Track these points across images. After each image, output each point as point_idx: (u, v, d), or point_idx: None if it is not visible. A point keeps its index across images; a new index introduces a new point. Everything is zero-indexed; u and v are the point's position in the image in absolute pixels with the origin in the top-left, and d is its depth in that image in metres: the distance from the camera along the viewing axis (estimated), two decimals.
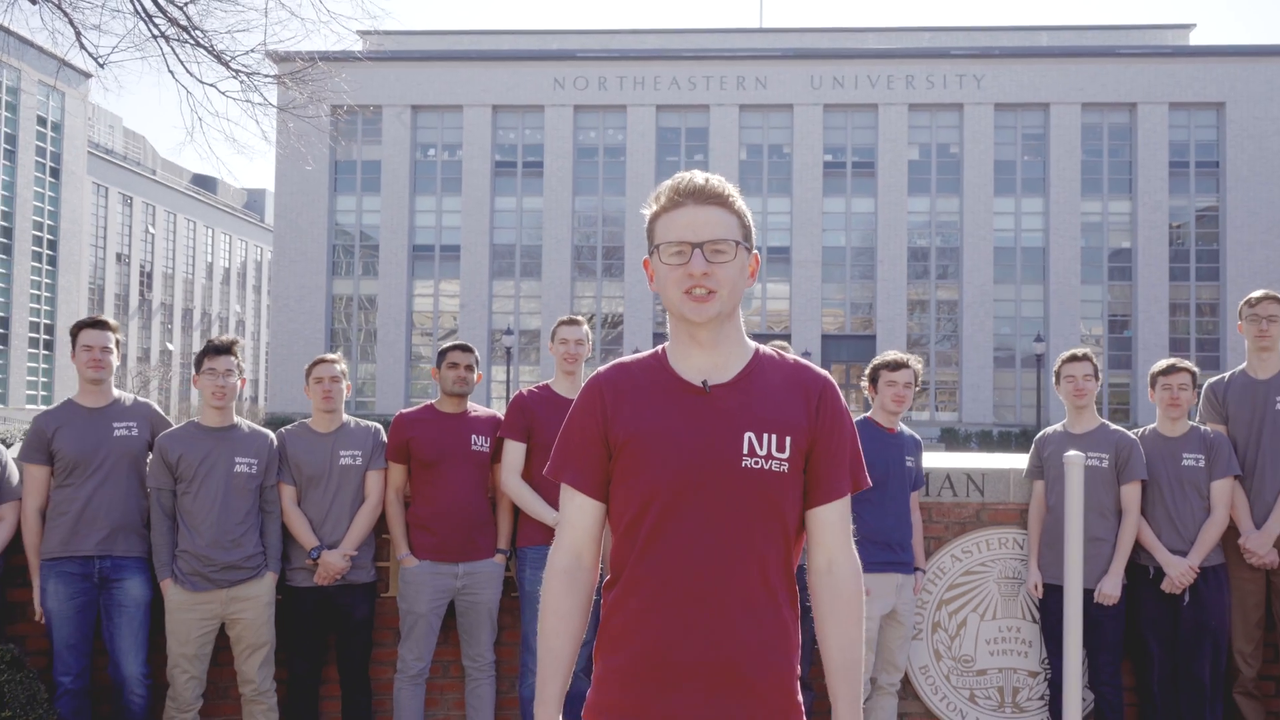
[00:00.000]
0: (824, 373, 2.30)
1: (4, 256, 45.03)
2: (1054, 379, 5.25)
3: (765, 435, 2.17)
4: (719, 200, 2.19)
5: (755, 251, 2.22)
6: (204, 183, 73.66)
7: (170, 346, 62.83)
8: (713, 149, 47.94)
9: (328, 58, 12.98)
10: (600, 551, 2.32)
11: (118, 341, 4.87)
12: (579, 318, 5.27)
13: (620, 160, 48.42)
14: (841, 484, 2.26)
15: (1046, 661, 5.20)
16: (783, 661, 2.18)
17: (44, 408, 5.13)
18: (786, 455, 2.18)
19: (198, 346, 61.51)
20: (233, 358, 4.81)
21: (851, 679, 2.22)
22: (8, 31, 11.35)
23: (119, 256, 59.71)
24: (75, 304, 51.46)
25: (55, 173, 48.67)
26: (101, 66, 11.62)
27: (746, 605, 2.15)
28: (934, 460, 5.43)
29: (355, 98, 14.18)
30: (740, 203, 2.23)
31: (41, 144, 47.82)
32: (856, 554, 2.32)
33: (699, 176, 2.21)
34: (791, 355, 2.40)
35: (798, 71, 48.13)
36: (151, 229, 62.96)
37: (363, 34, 17.93)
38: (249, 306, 74.91)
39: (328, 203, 47.57)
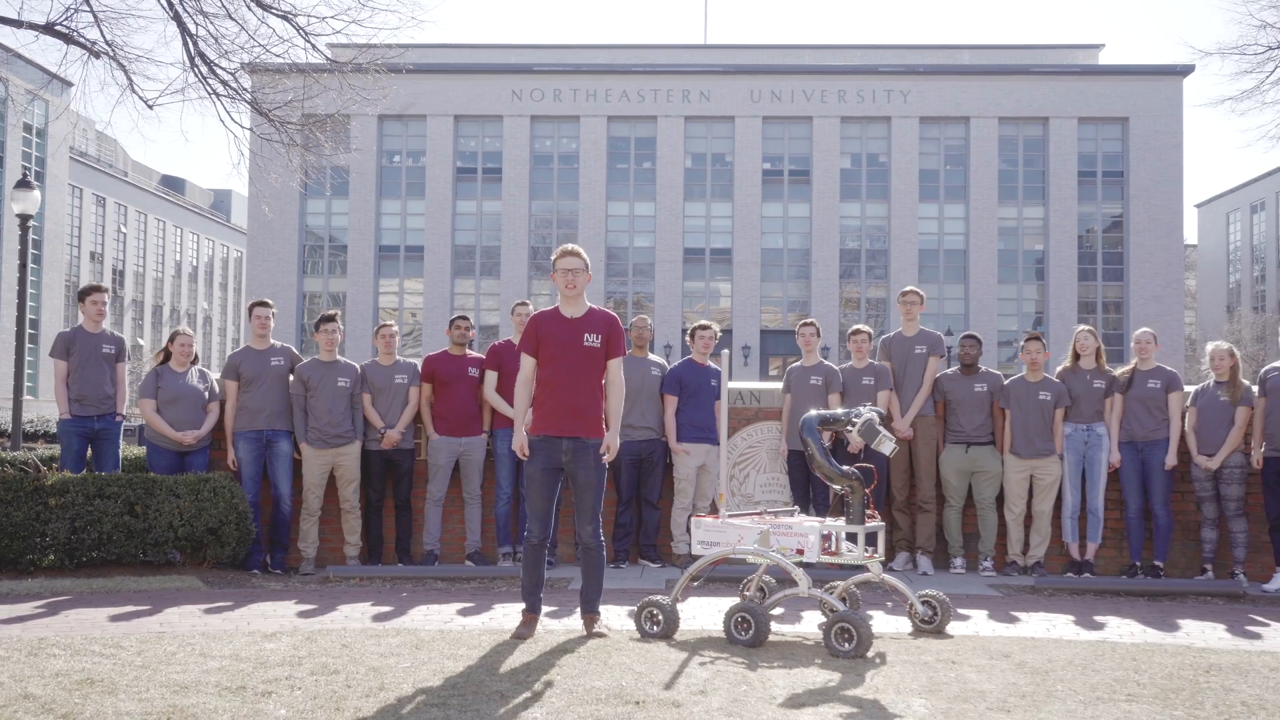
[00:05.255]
0: (613, 314, 6.14)
1: None
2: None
3: (591, 334, 6.03)
4: (578, 255, 6.05)
5: (590, 274, 6.06)
6: (172, 184, 75.75)
7: (141, 341, 64.64)
8: (660, 157, 51.45)
9: (300, 69, 15.43)
10: (535, 381, 6.15)
11: (272, 313, 8.72)
12: (527, 301, 9.18)
13: (574, 167, 51.86)
14: (617, 351, 6.11)
15: (792, 495, 9.14)
16: (597, 414, 6.02)
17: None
18: (600, 341, 6.04)
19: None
20: (335, 323, 8.66)
21: (616, 417, 6.08)
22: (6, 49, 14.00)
23: (93, 255, 62.20)
24: (56, 301, 54.30)
25: (40, 176, 51.56)
26: (150, 108, 15.19)
27: (585, 394, 5.99)
28: (733, 385, 9.38)
29: (328, 108, 16.77)
30: (585, 256, 6.08)
31: (27, 149, 50.80)
32: (623, 376, 6.17)
33: (570, 246, 6.08)
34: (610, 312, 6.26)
35: (739, 86, 51.64)
36: (123, 229, 65.51)
37: (333, 46, 19.08)
38: (215, 303, 77.59)
39: (299, 206, 50.58)
